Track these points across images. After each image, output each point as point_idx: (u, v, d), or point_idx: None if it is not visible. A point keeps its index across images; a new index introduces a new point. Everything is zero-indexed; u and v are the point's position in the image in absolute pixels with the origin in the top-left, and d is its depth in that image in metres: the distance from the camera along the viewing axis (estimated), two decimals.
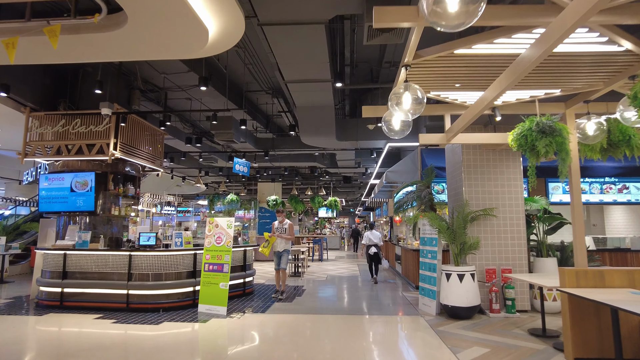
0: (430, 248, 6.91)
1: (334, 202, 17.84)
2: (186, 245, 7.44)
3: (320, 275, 11.99)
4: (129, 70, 8.19)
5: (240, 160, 8.49)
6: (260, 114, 11.72)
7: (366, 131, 9.53)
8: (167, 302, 6.97)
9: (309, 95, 7.74)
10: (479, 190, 6.95)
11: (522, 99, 4.54)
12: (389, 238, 16.94)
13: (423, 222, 7.07)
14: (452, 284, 6.22)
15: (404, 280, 10.77)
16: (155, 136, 9.07)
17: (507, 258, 6.77)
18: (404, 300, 7.95)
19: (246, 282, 8.46)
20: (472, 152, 7.06)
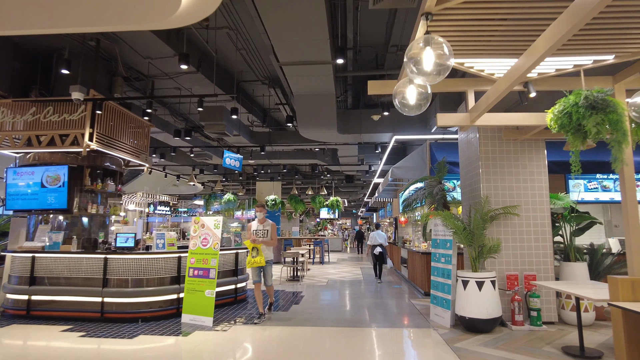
0: (443, 251, 6.12)
1: (335, 202, 17.06)
2: (170, 247, 6.67)
3: (321, 279, 11.20)
4: (110, 54, 7.45)
5: (232, 153, 7.73)
6: (257, 107, 10.96)
7: (370, 123, 8.75)
8: (148, 312, 6.21)
9: (307, 81, 6.98)
10: (499, 186, 6.15)
11: (564, 70, 3.75)
12: (394, 240, 16.13)
13: (435, 222, 6.28)
14: (470, 293, 5.42)
15: (411, 285, 9.97)
16: (140, 128, 8.32)
17: (530, 262, 5.96)
18: (413, 309, 7.15)
19: (238, 288, 7.68)
20: (491, 143, 6.27)
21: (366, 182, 19.16)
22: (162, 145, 10.90)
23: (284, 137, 10.68)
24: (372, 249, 10.55)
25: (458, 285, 5.64)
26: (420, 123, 8.72)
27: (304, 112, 7.98)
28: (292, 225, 23.01)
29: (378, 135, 9.10)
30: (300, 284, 10.23)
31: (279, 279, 10.82)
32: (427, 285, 8.49)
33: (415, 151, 9.25)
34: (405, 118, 8.81)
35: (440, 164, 6.74)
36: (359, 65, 8.32)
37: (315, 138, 9.31)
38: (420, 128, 8.66)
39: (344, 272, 13.00)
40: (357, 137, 9.24)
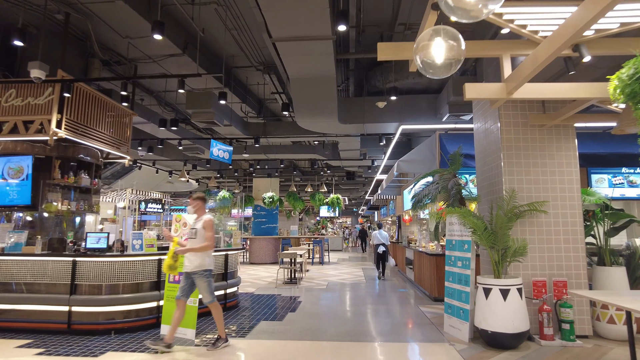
0: (460, 254, 5.34)
1: (336, 199, 16.28)
2: (148, 249, 5.90)
3: (320, 282, 10.43)
4: (84, 33, 6.66)
5: (221, 143, 6.96)
6: (251, 96, 10.18)
7: (374, 111, 7.97)
8: (123, 322, 5.45)
9: (304, 62, 6.20)
10: (523, 180, 5.37)
11: (631, 25, 2.96)
12: (397, 239, 15.37)
13: (450, 220, 5.51)
14: (493, 303, 4.65)
15: (418, 289, 9.20)
16: (121, 117, 7.54)
17: (560, 267, 5.19)
18: (422, 317, 6.38)
19: (228, 293, 6.92)
20: (514, 130, 5.49)
21: (368, 178, 18.38)
22: (149, 137, 10.13)
23: (280, 128, 9.90)
24: (376, 247, 11.00)
25: (478, 293, 4.87)
26: (430, 111, 7.94)
27: (301, 98, 7.20)
28: (290, 224, 22.25)
29: (383, 126, 8.32)
30: (298, 287, 9.46)
31: (274, 282, 10.06)
32: (436, 290, 7.73)
33: (424, 143, 8.47)
34: (413, 106, 8.03)
35: (454, 155, 5.96)
36: (362, 47, 7.54)
37: (314, 129, 8.53)
38: (430, 117, 7.88)
39: (344, 274, 12.24)
40: (360, 128, 8.46)
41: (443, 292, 7.85)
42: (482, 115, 6.13)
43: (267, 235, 15.92)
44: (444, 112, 7.32)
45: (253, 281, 10.53)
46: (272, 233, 16.18)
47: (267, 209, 15.98)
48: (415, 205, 5.94)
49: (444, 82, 7.66)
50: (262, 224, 16.19)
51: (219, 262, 6.79)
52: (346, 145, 10.65)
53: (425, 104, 7.96)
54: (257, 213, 16.31)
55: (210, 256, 4.90)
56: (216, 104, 7.59)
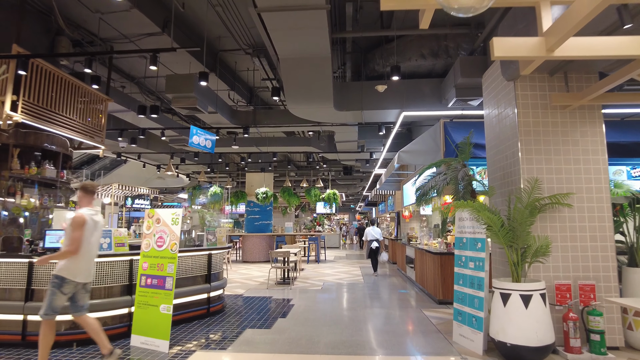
0: (472, 254, 4.68)
1: (332, 195, 15.60)
2: (118, 248, 5.22)
3: (315, 282, 9.77)
4: (46, 5, 5.93)
5: (202, 130, 6.25)
6: (241, 83, 9.47)
7: (374, 96, 7.29)
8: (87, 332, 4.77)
9: (296, 38, 5.50)
10: (543, 169, 4.71)
11: None
12: (396, 236, 14.74)
13: (461, 215, 4.84)
14: (513, 310, 4.00)
15: (420, 290, 8.56)
16: (95, 103, 6.83)
17: (586, 268, 4.54)
18: (427, 324, 5.73)
19: (212, 297, 6.25)
20: (532, 113, 4.83)
21: (366, 173, 17.72)
22: (130, 127, 9.41)
23: (272, 117, 9.20)
24: (369, 243, 11.20)
25: (494, 299, 4.22)
26: (434, 97, 7.26)
27: (293, 82, 6.50)
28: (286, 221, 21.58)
29: (382, 114, 7.64)
30: (291, 288, 8.80)
31: (266, 283, 9.39)
32: (441, 292, 7.09)
33: (427, 132, 7.79)
34: (416, 91, 7.35)
35: (464, 143, 5.30)
36: (360, 26, 6.85)
37: (307, 117, 7.84)
38: (434, 103, 7.21)
39: (341, 273, 11.59)
40: (358, 116, 7.77)
41: (448, 294, 7.23)
42: (494, 97, 5.47)
43: (260, 232, 15.25)
44: (450, 97, 6.65)
45: (244, 281, 9.86)
46: (266, 230, 15.51)
47: (260, 205, 15.29)
48: (421, 198, 5.28)
49: (450, 64, 6.99)
50: (256, 220, 15.51)
51: (201, 262, 6.12)
52: (343, 136, 9.96)
53: (429, 89, 7.28)
54: (250, 209, 15.62)
55: (75, 262, 3.82)
56: (199, 88, 6.88)
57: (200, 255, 6.09)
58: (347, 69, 8.35)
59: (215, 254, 6.42)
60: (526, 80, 4.88)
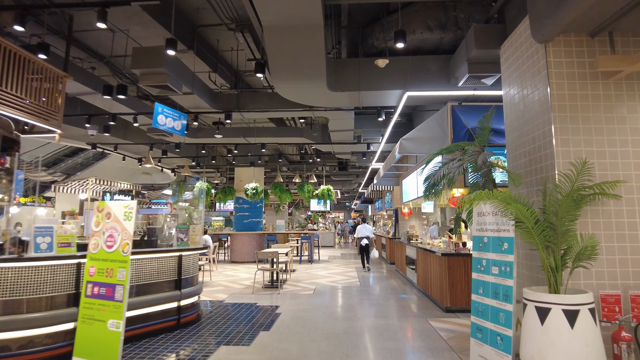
0: (496, 256, 3.78)
1: (326, 191, 14.69)
2: (62, 249, 4.28)
3: (307, 285, 8.87)
4: None
5: (169, 109, 5.29)
6: (225, 66, 8.52)
7: (373, 75, 6.38)
8: (22, 354, 3.85)
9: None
10: (582, 152, 3.83)
11: None
12: (394, 234, 13.86)
13: (481, 209, 3.94)
14: (554, 330, 3.11)
15: (423, 295, 7.68)
16: (49, 81, 5.86)
17: (638, 275, 3.67)
18: (436, 338, 4.84)
19: (183, 306, 5.33)
20: (569, 85, 3.94)
21: (362, 168, 16.81)
22: (100, 113, 8.42)
23: (257, 100, 8.24)
24: (359, 240, 11.56)
25: (527, 314, 3.33)
26: (441, 76, 6.36)
27: (279, 55, 5.57)
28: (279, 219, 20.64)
29: (382, 95, 6.72)
30: (279, 293, 7.89)
31: (251, 287, 8.46)
32: (448, 299, 6.23)
33: (432, 117, 6.91)
34: (420, 69, 6.45)
35: (482, 122, 4.40)
36: None
37: (297, 99, 6.90)
38: (441, 82, 6.31)
39: (336, 274, 10.69)
40: (354, 99, 6.86)
41: (457, 301, 6.36)
42: (517, 70, 4.58)
43: (250, 230, 14.32)
44: (461, 74, 5.76)
45: (228, 285, 8.94)
46: (256, 228, 14.58)
47: (250, 201, 14.36)
48: (430, 190, 4.38)
49: (459, 38, 6.10)
50: (245, 218, 14.57)
51: (168, 266, 5.19)
52: (337, 125, 9.04)
53: (436, 67, 6.38)
54: (239, 206, 14.68)
55: None
56: (170, 63, 5.93)
57: (167, 257, 5.17)
58: (342, 48, 7.43)
59: (188, 256, 5.49)
60: (560, 44, 4.00)
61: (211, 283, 9.18)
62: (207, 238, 11.48)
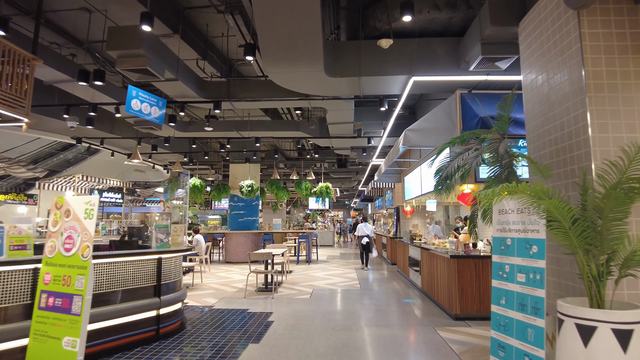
0: (523, 261, 3.20)
1: (325, 188, 14.10)
2: (16, 252, 3.70)
3: (303, 288, 8.29)
4: None
5: (146, 93, 4.71)
6: (215, 53, 7.93)
7: (375, 58, 5.79)
8: None
9: None
10: (624, 137, 3.26)
11: None
12: (395, 233, 13.29)
13: (504, 205, 3.37)
14: (602, 353, 2.54)
15: (428, 299, 7.12)
16: (15, 64, 5.26)
17: None
18: (447, 353, 4.27)
19: (163, 315, 4.75)
20: (606, 60, 3.37)
21: (362, 165, 16.24)
22: (81, 103, 7.79)
23: (249, 89, 7.62)
24: (360, 239, 11.67)
25: (565, 332, 2.75)
26: (449, 60, 5.78)
27: (270, 32, 4.97)
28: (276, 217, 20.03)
29: (385, 82, 6.13)
30: (273, 297, 7.31)
31: (244, 290, 7.88)
32: (458, 306, 5.67)
33: (439, 107, 6.34)
34: (427, 52, 5.87)
35: (502, 106, 3.81)
36: None
37: (291, 85, 6.29)
38: (451, 67, 5.73)
39: (334, 276, 10.12)
40: (354, 86, 6.27)
41: (467, 308, 5.78)
42: (541, 47, 4.00)
43: (245, 229, 13.74)
44: (473, 57, 5.18)
45: (219, 287, 8.36)
46: (252, 227, 13.99)
47: (245, 199, 13.77)
48: (442, 183, 3.80)
49: (470, 17, 5.51)
50: (240, 216, 13.99)
51: (146, 270, 4.61)
52: (336, 116, 8.44)
53: (444, 50, 5.80)
54: (234, 204, 14.09)
55: None
56: (151, 45, 5.34)
57: (144, 261, 4.58)
58: (341, 33, 6.85)
59: (169, 259, 4.91)
60: (596, 13, 3.42)
61: (201, 286, 8.61)
62: (199, 238, 10.91)
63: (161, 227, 4.94)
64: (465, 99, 6.04)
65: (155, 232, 4.87)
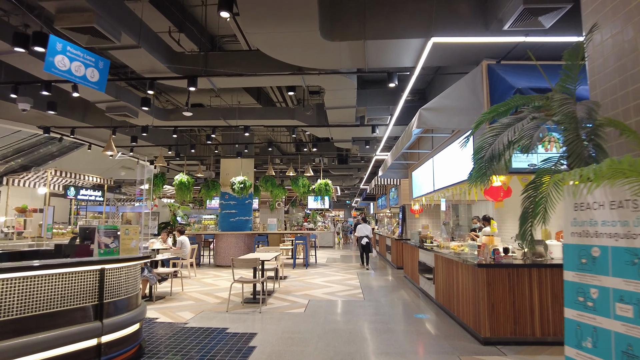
0: (625, 284, 2.04)
1: (324, 186, 12.94)
2: None
3: (298, 299, 7.15)
4: None
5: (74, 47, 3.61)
6: (196, 26, 6.80)
7: (383, 15, 4.64)
8: None
9: None
10: None
11: None
12: (400, 235, 12.15)
13: (581, 197, 2.21)
14: None
15: (445, 314, 5.97)
16: None
17: None
18: None
19: (106, 344, 3.61)
20: None
21: (365, 160, 15.09)
22: (34, 81, 6.57)
23: (230, 62, 6.40)
24: (360, 239, 11.96)
25: None
26: (476, 20, 4.63)
27: None
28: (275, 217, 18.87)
29: (396, 49, 4.96)
30: (261, 311, 6.17)
31: (225, 303, 6.72)
32: (487, 326, 4.54)
33: (462, 81, 5.19)
34: (447, 11, 4.71)
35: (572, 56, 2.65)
36: None
37: (279, 53, 5.11)
38: (477, 28, 4.59)
39: (334, 283, 8.97)
40: (357, 55, 5.12)
41: (499, 329, 4.58)
42: None
43: (237, 230, 12.59)
44: (509, 12, 4.03)
45: (201, 298, 7.23)
46: (244, 228, 12.84)
47: (237, 197, 12.63)
48: (489, 165, 2.64)
49: None
50: (232, 216, 12.84)
51: (84, 285, 3.48)
52: (335, 99, 7.23)
53: (468, 9, 4.66)
54: (226, 203, 12.94)
55: None
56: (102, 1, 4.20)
57: (79, 273, 3.44)
58: None
59: (116, 270, 3.77)
60: None
61: (181, 295, 7.47)
62: (184, 239, 9.80)
63: (107, 229, 3.80)
64: (495, 70, 4.90)
65: (97, 236, 3.73)
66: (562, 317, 4.82)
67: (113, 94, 7.55)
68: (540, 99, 2.83)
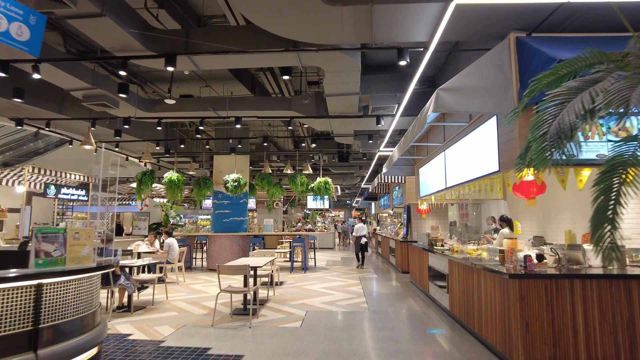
0: None
1: (324, 184, 12.13)
2: None
3: (294, 310, 6.36)
4: None
5: None
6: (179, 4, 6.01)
7: None
8: None
9: None
10: None
11: None
12: (405, 236, 11.35)
13: None
14: None
15: (462, 328, 5.18)
16: None
17: None
18: None
19: None
20: None
21: (367, 158, 14.29)
22: None
23: (214, 37, 5.54)
24: (358, 239, 12.30)
25: None
26: None
27: None
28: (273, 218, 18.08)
29: (409, 18, 4.17)
30: (251, 325, 5.38)
31: (220, 312, 5.92)
32: (520, 349, 3.76)
33: (486, 56, 4.42)
34: None
35: None
36: None
37: (270, 23, 4.27)
38: None
39: (335, 290, 8.18)
40: (362, 27, 4.32)
41: (535, 353, 3.59)
42: None
43: (231, 232, 11.80)
44: None
45: (185, 308, 6.44)
46: (239, 229, 12.05)
47: (230, 196, 11.84)
48: (558, 142, 1.85)
49: None
50: (225, 216, 12.05)
51: (12, 307, 2.69)
52: (336, 83, 6.35)
53: None
54: (219, 202, 12.14)
55: None
56: None
57: (5, 290, 2.65)
58: None
59: (60, 284, 2.98)
60: None
61: (164, 305, 6.69)
62: (172, 242, 9.01)
63: (49, 232, 3.01)
64: (527, 43, 4.12)
65: (35, 242, 2.93)
66: (613, 339, 3.94)
67: (89, 81, 6.76)
68: (621, 55, 2.04)
